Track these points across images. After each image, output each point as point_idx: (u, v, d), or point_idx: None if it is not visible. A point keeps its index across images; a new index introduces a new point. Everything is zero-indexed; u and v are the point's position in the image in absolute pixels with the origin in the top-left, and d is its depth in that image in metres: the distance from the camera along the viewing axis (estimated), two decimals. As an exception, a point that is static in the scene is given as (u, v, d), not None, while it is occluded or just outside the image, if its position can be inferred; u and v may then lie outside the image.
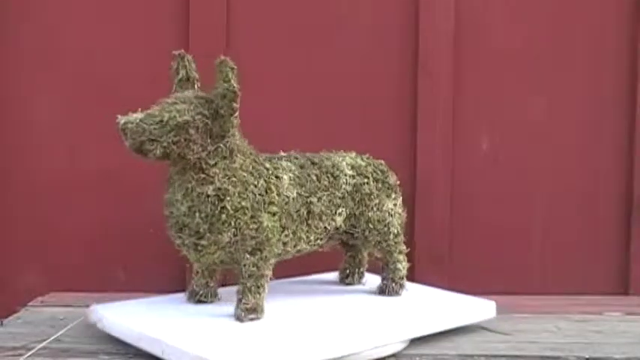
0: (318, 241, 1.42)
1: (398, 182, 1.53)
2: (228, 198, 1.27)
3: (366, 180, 1.47)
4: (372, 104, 1.81)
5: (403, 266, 1.53)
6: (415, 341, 1.36)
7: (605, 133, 1.81)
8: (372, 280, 1.59)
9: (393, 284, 1.52)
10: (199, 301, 1.41)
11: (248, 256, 1.30)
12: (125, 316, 1.33)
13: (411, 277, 1.76)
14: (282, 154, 1.43)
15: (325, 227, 1.41)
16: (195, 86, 1.36)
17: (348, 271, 1.61)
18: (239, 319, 1.30)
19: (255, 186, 1.30)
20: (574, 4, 1.80)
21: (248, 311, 1.30)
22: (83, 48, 1.79)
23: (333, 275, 1.64)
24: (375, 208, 1.47)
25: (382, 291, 1.52)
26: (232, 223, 1.28)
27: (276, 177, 1.34)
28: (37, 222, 1.81)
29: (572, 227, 1.82)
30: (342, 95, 1.81)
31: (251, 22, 1.79)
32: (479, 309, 1.47)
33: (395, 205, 1.50)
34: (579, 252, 1.82)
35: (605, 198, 1.81)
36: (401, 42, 1.79)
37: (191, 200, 1.27)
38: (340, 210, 1.43)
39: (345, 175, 1.44)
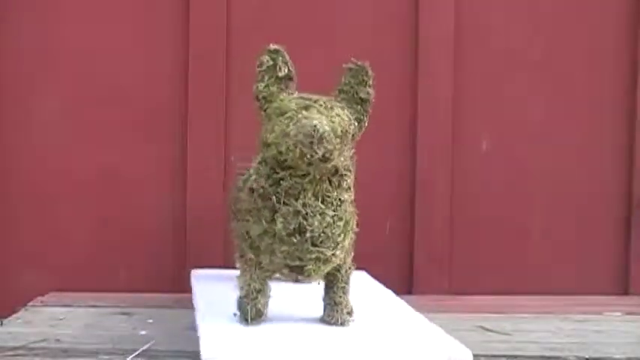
0: None
1: None
2: (349, 203, 1.21)
3: None
4: (372, 104, 1.80)
5: None
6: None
7: (605, 133, 1.81)
8: None
9: None
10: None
11: (348, 259, 1.25)
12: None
13: (411, 277, 1.77)
14: None
15: None
16: (295, 85, 1.26)
17: None
18: (344, 323, 1.24)
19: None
20: (574, 4, 1.80)
21: (349, 314, 1.25)
22: (83, 48, 1.79)
23: None
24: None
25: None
26: (349, 228, 1.21)
27: None
28: (38, 222, 1.80)
29: (572, 227, 1.82)
30: (342, 95, 1.80)
31: (251, 22, 1.79)
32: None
33: None
34: (579, 252, 1.82)
35: (605, 198, 1.81)
36: (401, 42, 1.79)
37: (333, 210, 1.17)
38: None
39: None
